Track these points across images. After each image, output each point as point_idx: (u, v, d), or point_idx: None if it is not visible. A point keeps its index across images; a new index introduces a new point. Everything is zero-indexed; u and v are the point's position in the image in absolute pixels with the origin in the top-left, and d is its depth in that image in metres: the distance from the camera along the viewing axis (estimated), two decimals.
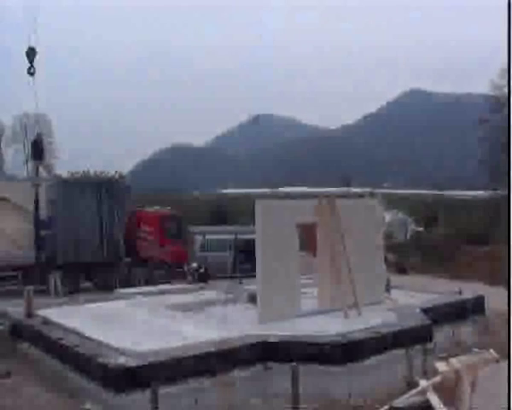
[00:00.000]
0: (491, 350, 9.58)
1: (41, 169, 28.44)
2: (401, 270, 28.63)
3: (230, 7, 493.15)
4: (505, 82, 48.27)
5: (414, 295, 16.49)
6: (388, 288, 16.36)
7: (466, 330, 15.11)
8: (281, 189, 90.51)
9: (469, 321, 15.57)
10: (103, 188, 24.66)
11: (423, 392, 8.61)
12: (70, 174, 25.72)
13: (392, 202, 40.82)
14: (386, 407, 8.32)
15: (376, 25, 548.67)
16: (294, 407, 8.96)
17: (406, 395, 8.55)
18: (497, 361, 9.22)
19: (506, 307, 8.10)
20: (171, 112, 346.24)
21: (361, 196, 30.65)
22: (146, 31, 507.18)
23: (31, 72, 23.39)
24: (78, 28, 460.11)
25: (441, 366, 8.94)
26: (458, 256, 30.80)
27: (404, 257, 32.07)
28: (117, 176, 26.24)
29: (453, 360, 9.06)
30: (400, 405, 8.27)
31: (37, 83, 23.57)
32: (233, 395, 10.59)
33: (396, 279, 19.35)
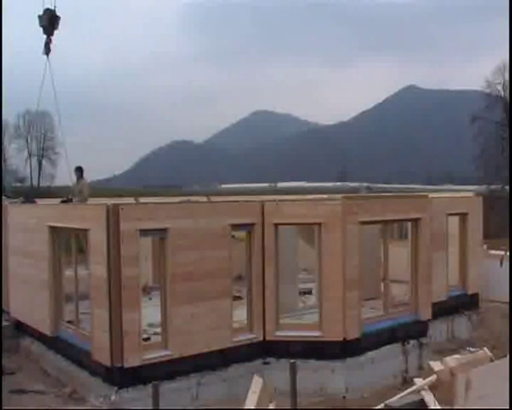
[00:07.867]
0: (485, 349, 9.78)
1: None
2: None
3: None
4: (499, 80, 48.59)
5: None
6: None
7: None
8: (279, 183, 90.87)
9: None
10: None
11: (418, 391, 8.78)
12: None
13: None
14: (381, 406, 8.46)
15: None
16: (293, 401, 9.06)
17: (401, 394, 8.69)
18: (492, 360, 9.40)
19: None
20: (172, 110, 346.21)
21: (357, 190, 30.57)
22: None
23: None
24: None
25: (436, 365, 9.10)
26: None
27: None
28: None
29: (448, 359, 9.23)
30: (395, 404, 8.39)
31: None
32: (232, 390, 10.77)
33: None
